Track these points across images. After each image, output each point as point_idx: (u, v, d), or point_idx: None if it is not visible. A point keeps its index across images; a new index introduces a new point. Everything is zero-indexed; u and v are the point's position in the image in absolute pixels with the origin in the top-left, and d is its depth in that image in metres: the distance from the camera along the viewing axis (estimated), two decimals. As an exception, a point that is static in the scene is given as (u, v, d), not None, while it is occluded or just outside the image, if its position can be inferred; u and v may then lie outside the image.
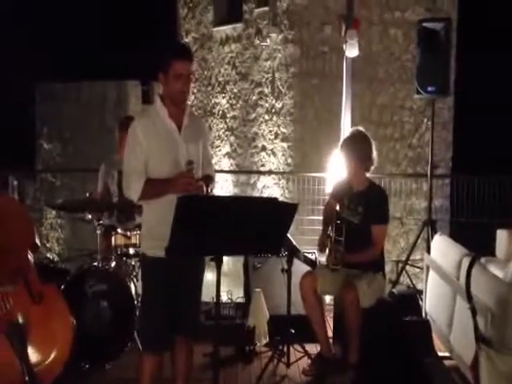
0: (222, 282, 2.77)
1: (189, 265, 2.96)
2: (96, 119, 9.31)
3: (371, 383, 3.70)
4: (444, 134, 7.90)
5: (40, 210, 8.83)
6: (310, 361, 3.98)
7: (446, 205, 7.53)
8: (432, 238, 4.57)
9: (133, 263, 4.30)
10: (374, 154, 3.94)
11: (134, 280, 4.14)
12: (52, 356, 3.24)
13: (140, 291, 3.94)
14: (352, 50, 4.93)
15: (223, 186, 8.85)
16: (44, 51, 11.88)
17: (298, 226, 6.36)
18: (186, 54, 2.94)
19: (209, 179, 3.01)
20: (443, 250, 4.10)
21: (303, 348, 4.03)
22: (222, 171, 8.83)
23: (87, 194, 4.11)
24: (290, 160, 8.08)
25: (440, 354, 3.78)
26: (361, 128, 4.20)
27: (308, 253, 4.49)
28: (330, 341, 4.13)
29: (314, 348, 4.13)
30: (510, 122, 9.71)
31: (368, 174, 4.05)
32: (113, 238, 4.28)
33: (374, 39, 8.14)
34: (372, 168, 3.97)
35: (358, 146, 3.89)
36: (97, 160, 4.95)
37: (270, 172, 8.19)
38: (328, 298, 4.80)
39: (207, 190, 2.92)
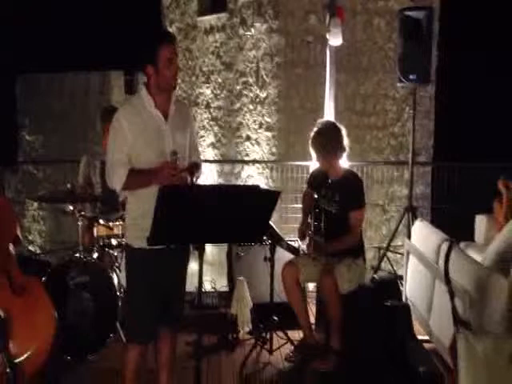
0: (205, 271, 2.78)
1: (173, 256, 2.95)
2: (79, 110, 9.24)
3: (353, 368, 3.74)
4: (425, 123, 7.95)
5: (22, 202, 8.76)
6: (292, 347, 4.02)
7: (427, 192, 7.59)
8: (413, 224, 4.62)
9: (115, 254, 4.30)
10: (345, 141, 3.95)
11: (117, 271, 4.14)
12: (34, 348, 3.23)
13: (123, 282, 3.95)
14: (335, 39, 4.93)
15: (208, 176, 8.85)
16: (26, 42, 11.76)
17: (282, 215, 6.39)
18: (172, 38, 2.95)
19: (195, 167, 3.00)
20: (423, 235, 4.14)
21: (286, 335, 4.06)
22: (206, 161, 8.81)
23: (68, 186, 4.09)
24: (274, 149, 8.09)
25: (420, 337, 3.83)
26: (328, 119, 4.21)
27: (291, 241, 4.51)
28: (313, 327, 4.17)
29: (296, 335, 4.17)
30: (489, 110, 9.80)
31: (350, 163, 4.07)
32: (95, 229, 4.27)
33: (357, 29, 8.15)
34: (344, 154, 3.99)
35: (326, 142, 3.89)
36: (80, 151, 4.93)
37: (254, 161, 8.19)
38: (311, 286, 4.84)
39: (192, 179, 2.92)
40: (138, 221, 2.92)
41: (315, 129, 4.00)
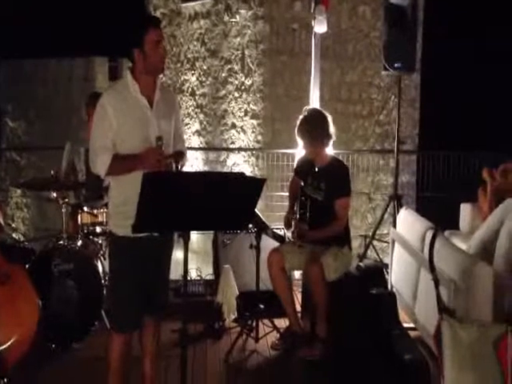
0: (191, 259, 2.77)
1: (157, 243, 2.93)
2: (63, 97, 9.12)
3: (339, 355, 3.76)
4: (411, 111, 7.94)
5: (5, 189, 8.65)
6: (278, 335, 4.03)
7: (412, 180, 7.62)
8: (398, 212, 4.64)
9: (100, 242, 4.28)
10: (331, 129, 3.95)
11: (102, 259, 4.12)
12: (17, 336, 3.21)
13: (107, 270, 3.92)
14: (320, 26, 4.91)
15: (193, 164, 8.79)
16: (9, 28, 11.55)
17: (268, 203, 6.38)
18: (158, 22, 2.95)
19: (180, 155, 2.99)
20: (408, 223, 4.16)
21: (272, 323, 4.07)
22: (191, 149, 8.76)
23: (51, 173, 4.04)
24: (259, 137, 8.05)
25: (405, 325, 3.86)
26: (315, 107, 4.21)
27: (277, 229, 4.52)
28: (299, 315, 4.18)
29: (282, 322, 4.18)
30: (475, 99, 9.84)
31: (336, 151, 4.08)
32: (79, 217, 4.24)
33: (342, 16, 8.11)
34: (331, 142, 3.99)
35: (312, 129, 3.89)
36: (63, 138, 4.87)
37: (239, 149, 8.16)
38: (297, 274, 4.85)
39: (177, 167, 2.89)
40: (121, 208, 2.90)
41: (302, 116, 3.99)
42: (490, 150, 5.47)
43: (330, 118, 3.97)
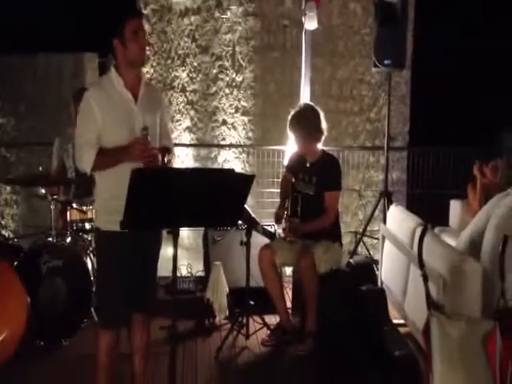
0: (181, 255, 2.77)
1: (145, 239, 2.92)
2: (52, 93, 9.05)
3: (329, 352, 3.77)
4: (401, 108, 7.93)
5: (-6, 186, 8.58)
6: (269, 332, 4.03)
7: (403, 177, 7.63)
8: (388, 209, 4.64)
9: (89, 238, 4.26)
10: (323, 124, 3.95)
11: (91, 255, 4.10)
12: (6, 333, 3.19)
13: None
14: (311, 23, 4.92)
15: (184, 161, 8.77)
16: (-4, 23, 11.46)
17: (259, 199, 6.37)
18: (138, 11, 2.96)
19: (166, 151, 2.97)
20: (398, 220, 4.17)
21: (262, 319, 4.07)
22: (182, 145, 8.73)
23: (40, 169, 4.01)
24: (250, 134, 8.03)
25: (395, 321, 3.87)
26: (308, 102, 4.21)
27: (268, 225, 4.52)
28: (289, 311, 4.18)
29: (273, 319, 4.19)
30: (465, 96, 9.87)
31: (327, 148, 4.08)
32: (68, 213, 4.21)
33: (333, 13, 8.09)
34: (322, 138, 3.99)
35: (304, 122, 3.90)
36: (53, 134, 4.83)
37: (230, 145, 8.14)
38: (288, 270, 4.85)
39: (163, 161, 2.88)
40: (107, 203, 2.89)
41: (294, 111, 3.99)
42: (481, 146, 5.48)
43: (322, 114, 3.97)
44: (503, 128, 4.68)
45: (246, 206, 3.62)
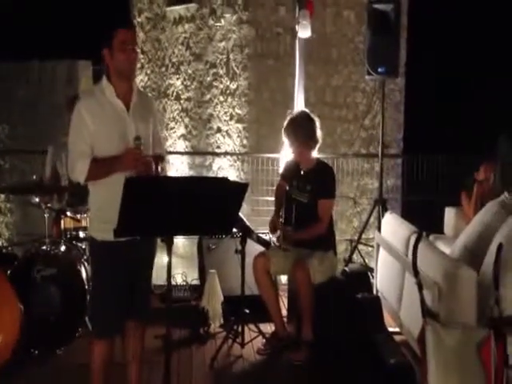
0: (176, 264, 2.77)
1: (139, 248, 2.90)
2: (46, 100, 9.05)
3: (325, 360, 3.76)
4: (396, 115, 8.00)
5: (-12, 194, 8.55)
6: (264, 340, 4.02)
7: (398, 184, 7.65)
8: (383, 216, 4.65)
9: (83, 247, 4.24)
10: (318, 132, 3.96)
11: (85, 264, 4.08)
12: (-1, 342, 3.17)
13: (91, 275, 3.89)
14: (304, 31, 4.92)
15: (178, 169, 8.77)
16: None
17: (254, 207, 6.37)
18: (129, 23, 2.94)
19: (159, 159, 2.97)
20: (393, 227, 4.17)
21: (258, 328, 4.06)
22: (176, 153, 8.74)
23: (34, 177, 4.00)
24: (245, 141, 8.05)
25: (390, 329, 3.87)
26: (303, 109, 4.23)
27: (263, 233, 4.51)
28: (285, 320, 4.17)
29: (268, 327, 4.17)
30: (459, 102, 9.93)
31: (321, 155, 4.09)
32: (62, 222, 4.20)
33: (327, 21, 8.14)
34: (317, 146, 4.00)
35: (300, 129, 3.90)
36: (48, 141, 4.83)
37: (224, 153, 8.15)
38: (283, 278, 4.85)
39: (157, 169, 2.88)
40: (101, 212, 2.88)
41: (290, 117, 4.00)
42: (476, 153, 5.49)
43: (317, 122, 3.98)
44: (498, 134, 4.70)
45: (240, 214, 3.61)
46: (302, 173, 3.99)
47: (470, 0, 9.77)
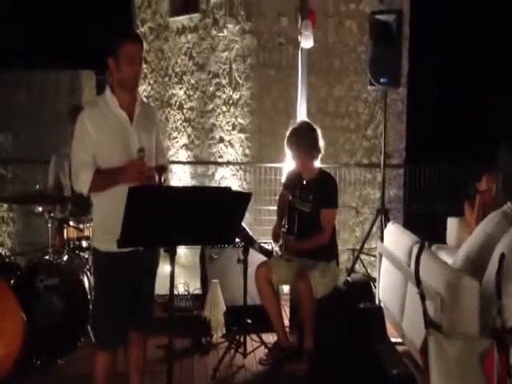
0: (178, 273, 2.76)
1: (142, 259, 2.90)
2: (49, 109, 9.09)
3: (327, 370, 3.75)
4: (398, 125, 8.03)
5: (-9, 203, 8.58)
6: (266, 350, 4.01)
7: (400, 194, 7.66)
8: (385, 226, 4.65)
9: (86, 256, 4.24)
10: (321, 142, 3.97)
11: (88, 273, 4.08)
12: (1, 352, 3.17)
13: (93, 285, 3.89)
14: (307, 41, 4.95)
15: (181, 178, 8.79)
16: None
17: (256, 217, 6.38)
18: (136, 37, 2.92)
19: (162, 169, 2.97)
20: (395, 237, 4.17)
21: (260, 338, 4.05)
22: (179, 162, 8.77)
23: (37, 186, 4.02)
24: (247, 151, 8.07)
25: (393, 339, 3.85)
26: (305, 119, 4.24)
27: (265, 243, 4.51)
28: (287, 330, 4.16)
29: (270, 337, 4.16)
30: (461, 113, 9.96)
31: (323, 165, 4.10)
32: (65, 231, 4.21)
33: (329, 31, 8.19)
34: (319, 156, 4.01)
35: (302, 139, 3.91)
36: (50, 151, 4.85)
37: (227, 163, 8.17)
38: (286, 288, 4.84)
39: (160, 180, 2.89)
40: (104, 223, 2.89)
41: (292, 128, 4.01)
42: (478, 162, 5.50)
43: (319, 132, 3.99)
44: (499, 144, 4.70)
45: (243, 223, 3.61)
46: (304, 182, 3.99)
47: (472, 11, 9.81)
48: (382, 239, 4.61)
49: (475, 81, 10.06)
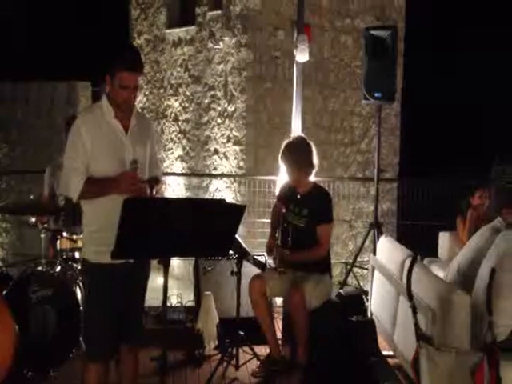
0: (172, 285, 2.76)
1: (132, 270, 2.87)
2: (44, 121, 9.11)
3: (319, 383, 3.75)
4: (391, 140, 8.09)
5: (-15, 214, 8.56)
6: (259, 363, 4.01)
7: (393, 208, 7.70)
8: (378, 240, 4.67)
9: (79, 267, 4.23)
10: (315, 159, 3.98)
11: (80, 285, 4.07)
12: (-7, 363, 3.15)
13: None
14: (302, 55, 4.99)
15: (175, 190, 8.81)
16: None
17: (250, 229, 6.41)
18: (136, 66, 2.83)
19: (155, 181, 2.97)
20: (388, 251, 4.19)
21: (252, 350, 4.05)
22: (174, 174, 8.79)
23: (31, 197, 4.02)
24: (242, 163, 8.10)
25: (384, 352, 3.86)
26: (300, 134, 4.27)
27: (259, 255, 4.52)
28: (279, 342, 4.17)
29: (263, 350, 4.16)
30: (454, 128, 10.04)
31: (317, 178, 4.11)
32: (58, 242, 4.20)
33: (325, 45, 8.27)
34: (314, 171, 4.03)
35: (296, 155, 3.93)
36: (45, 162, 4.86)
37: (221, 175, 8.19)
38: (278, 301, 4.84)
39: (151, 192, 2.88)
40: (95, 234, 2.87)
41: (287, 142, 4.03)
42: (471, 177, 5.54)
43: (314, 148, 4.01)
44: (492, 159, 4.75)
45: (237, 235, 3.63)
46: (298, 197, 4.01)
47: (466, 27, 9.92)
48: (374, 252, 4.63)
49: (469, 96, 10.15)
